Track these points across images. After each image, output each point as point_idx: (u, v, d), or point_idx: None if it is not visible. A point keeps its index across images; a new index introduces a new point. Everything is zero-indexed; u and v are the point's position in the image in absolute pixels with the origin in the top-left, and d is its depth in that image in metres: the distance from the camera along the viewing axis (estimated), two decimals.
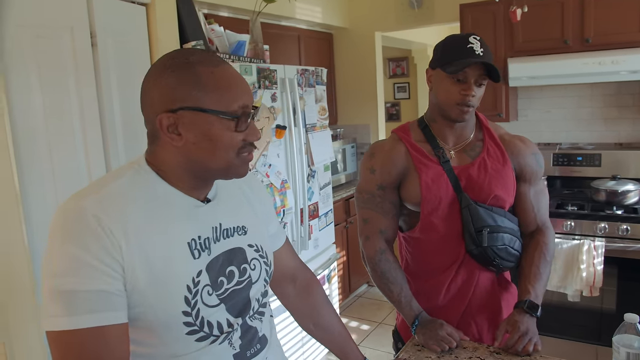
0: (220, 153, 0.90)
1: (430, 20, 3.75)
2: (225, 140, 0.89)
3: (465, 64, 1.32)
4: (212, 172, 0.93)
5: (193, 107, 0.87)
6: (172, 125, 0.89)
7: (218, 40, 2.58)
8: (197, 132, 0.88)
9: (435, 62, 1.41)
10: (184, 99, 0.88)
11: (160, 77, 0.90)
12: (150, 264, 0.87)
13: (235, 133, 0.90)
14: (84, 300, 0.80)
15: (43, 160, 1.75)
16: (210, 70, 0.89)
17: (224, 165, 0.92)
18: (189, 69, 0.88)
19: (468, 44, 1.34)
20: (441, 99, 1.40)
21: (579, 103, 3.34)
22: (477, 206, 1.41)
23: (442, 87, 1.39)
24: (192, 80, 0.88)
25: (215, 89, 0.88)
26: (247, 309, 1.02)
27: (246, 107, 0.91)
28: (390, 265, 1.47)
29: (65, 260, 0.81)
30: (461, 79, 1.34)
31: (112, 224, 0.84)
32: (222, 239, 1.00)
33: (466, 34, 1.38)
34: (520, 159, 1.48)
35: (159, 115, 0.89)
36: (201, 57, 0.90)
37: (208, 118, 0.88)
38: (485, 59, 1.33)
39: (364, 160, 1.51)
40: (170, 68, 0.89)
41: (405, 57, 6.66)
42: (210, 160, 0.91)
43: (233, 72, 0.92)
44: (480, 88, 1.37)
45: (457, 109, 1.38)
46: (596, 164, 3.16)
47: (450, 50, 1.37)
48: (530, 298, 1.38)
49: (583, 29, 2.91)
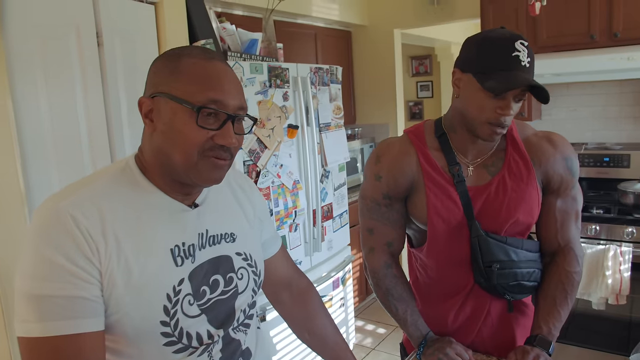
0: (181, 146, 0.85)
1: (451, 17, 3.64)
2: (187, 133, 0.84)
3: (511, 85, 1.09)
4: (177, 169, 0.87)
5: (164, 93, 0.85)
6: (149, 111, 0.87)
7: (230, 38, 2.55)
8: (165, 119, 0.85)
9: (467, 65, 1.17)
10: (160, 84, 0.86)
11: (153, 64, 0.90)
12: (129, 270, 0.83)
13: (198, 128, 0.84)
14: (58, 306, 0.77)
15: (49, 161, 1.75)
16: (193, 61, 0.86)
17: (185, 162, 0.86)
18: (176, 58, 0.87)
19: (514, 52, 1.10)
20: (470, 113, 1.18)
21: (607, 101, 3.18)
22: (489, 238, 1.24)
23: (473, 99, 1.16)
24: (172, 67, 0.86)
25: (187, 77, 0.84)
26: (231, 320, 0.98)
27: (218, 103, 0.84)
28: (396, 281, 1.34)
29: (40, 263, 0.78)
30: (499, 95, 1.12)
31: (90, 226, 0.80)
32: (208, 246, 0.95)
33: (513, 35, 1.12)
34: (548, 167, 1.27)
35: (140, 99, 0.88)
36: (194, 51, 0.88)
37: (174, 106, 0.84)
38: (530, 73, 1.12)
39: (369, 164, 1.34)
40: (164, 56, 0.89)
41: (429, 55, 6.54)
42: (173, 153, 0.86)
43: (220, 69, 0.87)
44: (518, 104, 1.15)
45: (488, 128, 1.17)
46: (624, 165, 3.01)
47: (491, 57, 1.12)
48: (542, 333, 1.22)
49: (611, 23, 2.76)
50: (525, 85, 1.10)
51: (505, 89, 1.10)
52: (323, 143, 2.83)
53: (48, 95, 1.74)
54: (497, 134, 1.18)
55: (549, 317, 1.25)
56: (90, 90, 1.84)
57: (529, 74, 1.12)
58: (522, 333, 1.36)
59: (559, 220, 1.31)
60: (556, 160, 1.28)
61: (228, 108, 0.86)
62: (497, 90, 1.11)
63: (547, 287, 1.30)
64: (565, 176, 1.29)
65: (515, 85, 1.09)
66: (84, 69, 1.82)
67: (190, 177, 0.88)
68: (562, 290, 1.28)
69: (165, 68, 0.86)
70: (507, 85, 1.10)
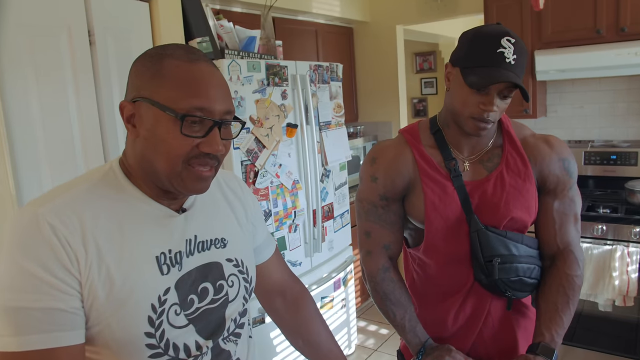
0: (164, 155, 0.81)
1: (454, 13, 3.58)
2: (170, 142, 0.80)
3: (488, 80, 1.09)
4: (160, 176, 0.83)
5: (146, 98, 0.80)
6: (132, 116, 0.83)
7: (227, 36, 2.51)
8: (148, 125, 0.81)
9: (456, 59, 1.18)
10: (141, 88, 0.81)
11: (134, 65, 0.85)
12: (111, 280, 0.79)
13: (182, 136, 0.79)
14: (33, 318, 0.73)
15: (40, 162, 1.71)
16: (176, 64, 0.81)
17: (169, 170, 0.82)
18: (158, 59, 0.81)
19: (498, 48, 1.09)
20: (456, 107, 1.18)
21: (615, 97, 3.12)
22: (488, 231, 1.21)
23: (458, 94, 1.16)
24: (154, 70, 0.81)
25: (170, 83, 0.80)
26: (221, 330, 0.94)
27: (204, 110, 0.80)
28: (394, 285, 1.30)
29: (15, 273, 0.74)
30: (482, 90, 1.12)
31: (69, 234, 0.77)
32: (196, 253, 0.91)
33: (500, 32, 1.11)
34: (544, 166, 1.26)
35: (121, 103, 0.84)
36: (177, 51, 0.83)
37: (157, 113, 0.80)
38: (515, 70, 1.10)
39: (365, 166, 1.31)
40: (144, 56, 0.84)
41: (433, 51, 6.46)
42: (156, 160, 0.82)
43: (205, 72, 0.82)
44: (505, 100, 1.15)
45: (472, 122, 1.16)
46: (632, 162, 2.94)
47: (476, 52, 1.13)
48: (545, 341, 1.18)
49: (618, 17, 2.69)
50: (505, 81, 1.09)
51: (484, 83, 1.10)
52: (323, 142, 2.79)
53: (39, 95, 1.70)
54: (481, 129, 1.18)
55: (551, 324, 1.21)
56: (82, 90, 1.80)
57: (513, 71, 1.11)
58: (523, 335, 1.33)
59: (558, 222, 1.28)
60: (552, 160, 1.27)
61: (214, 114, 0.81)
62: (475, 86, 1.12)
63: (548, 292, 1.26)
64: (561, 177, 1.27)
65: (494, 80, 1.09)
66: (75, 68, 1.78)
67: (174, 186, 0.84)
68: (563, 295, 1.24)
69: (147, 70, 0.82)
70: (486, 80, 1.09)
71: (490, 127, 1.18)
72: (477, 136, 1.22)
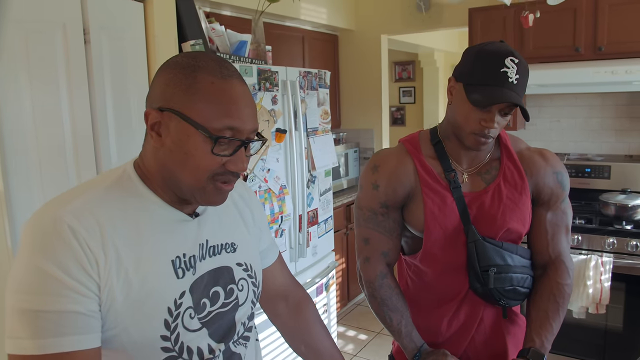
0: (191, 170, 0.81)
1: (438, 24, 3.66)
2: (199, 159, 0.80)
3: (491, 100, 1.13)
4: (182, 188, 0.84)
5: (177, 112, 0.80)
6: (157, 124, 0.82)
7: (219, 39, 2.51)
8: (176, 139, 0.81)
9: (460, 74, 1.22)
10: (173, 100, 0.81)
11: (163, 71, 0.84)
12: (129, 283, 0.79)
13: (212, 155, 0.80)
14: (51, 322, 0.73)
15: (31, 162, 1.68)
16: (210, 80, 0.80)
17: (193, 184, 0.83)
18: (191, 72, 0.81)
19: (502, 67, 1.13)
20: (458, 122, 1.22)
21: (590, 113, 3.25)
22: (485, 242, 1.25)
23: (460, 109, 1.20)
24: (187, 83, 0.80)
25: (204, 100, 0.79)
26: (232, 333, 0.95)
27: (235, 131, 0.81)
28: (391, 292, 1.33)
29: (34, 276, 0.73)
30: (484, 107, 1.16)
31: (89, 237, 0.76)
32: (208, 257, 0.92)
33: (505, 51, 1.15)
34: (539, 178, 1.30)
35: (147, 109, 0.83)
36: (210, 65, 0.82)
37: (188, 129, 0.80)
38: (518, 90, 1.14)
39: (366, 173, 1.34)
40: (176, 65, 0.83)
41: (412, 60, 6.59)
42: (181, 174, 0.82)
43: (238, 91, 0.82)
44: (505, 117, 1.19)
45: (472, 138, 1.21)
46: (605, 176, 3.07)
47: (480, 70, 1.16)
48: (535, 346, 1.22)
49: (596, 37, 2.82)
50: (507, 102, 1.13)
51: (487, 103, 1.14)
52: (311, 148, 2.81)
53: (32, 94, 1.67)
54: (481, 144, 1.22)
55: (541, 330, 1.26)
56: (76, 89, 1.78)
57: (515, 91, 1.15)
58: (513, 342, 1.37)
59: (550, 233, 1.33)
60: (547, 173, 1.32)
61: (243, 134, 0.82)
62: (478, 104, 1.16)
63: (539, 299, 1.31)
64: (555, 189, 1.32)
65: (496, 101, 1.13)
66: (69, 66, 1.75)
67: (195, 197, 0.85)
68: (554, 303, 1.29)
69: (179, 82, 0.81)
70: (489, 100, 1.13)
71: (490, 142, 1.22)
72: (477, 150, 1.26)
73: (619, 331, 2.72)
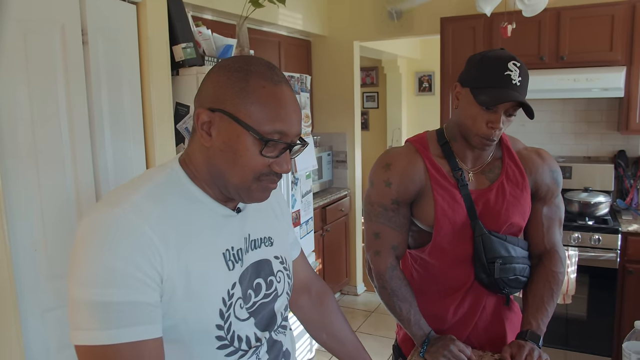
0: (239, 170, 0.86)
1: (409, 32, 3.81)
2: (248, 159, 0.85)
3: (499, 100, 1.22)
4: (228, 186, 0.88)
5: (229, 113, 0.84)
6: (207, 124, 0.86)
7: (205, 43, 2.53)
8: (226, 139, 0.85)
9: (466, 80, 1.31)
10: (225, 101, 0.85)
11: (215, 73, 0.88)
12: (188, 275, 0.83)
13: (260, 156, 0.85)
14: (121, 312, 0.76)
15: (27, 160, 1.65)
16: (262, 85, 0.85)
17: (239, 183, 0.87)
18: (244, 75, 0.85)
19: (506, 71, 1.22)
20: (465, 124, 1.31)
21: (552, 117, 3.48)
22: (491, 236, 1.35)
23: (468, 112, 1.29)
24: (240, 86, 0.84)
25: (256, 103, 0.84)
26: (273, 322, 1.00)
27: (283, 134, 0.85)
28: (400, 283, 1.42)
29: (100, 270, 0.76)
30: (491, 108, 1.25)
31: (152, 231, 0.80)
32: (250, 250, 0.97)
33: (507, 56, 1.25)
34: (537, 176, 1.41)
35: (199, 109, 0.87)
36: (262, 70, 0.86)
37: (238, 129, 0.84)
38: (521, 91, 1.24)
39: (378, 171, 1.42)
40: (228, 68, 0.87)
41: (375, 66, 6.75)
42: (229, 173, 0.87)
43: (288, 96, 0.87)
44: (510, 118, 1.28)
45: (479, 139, 1.30)
46: (567, 176, 3.30)
47: (485, 74, 1.25)
48: (532, 329, 1.33)
49: (558, 47, 3.03)
50: (513, 100, 1.23)
51: (494, 102, 1.23)
52: None
53: (29, 94, 1.64)
54: (487, 144, 1.32)
55: (537, 314, 1.37)
56: (74, 89, 1.76)
57: (519, 92, 1.25)
58: (510, 326, 1.48)
59: (545, 226, 1.45)
60: (544, 171, 1.43)
61: (289, 137, 0.87)
62: (487, 104, 1.24)
63: (536, 286, 1.42)
64: (551, 186, 1.44)
65: (503, 100, 1.22)
66: (67, 67, 1.74)
67: (240, 195, 0.90)
68: (549, 289, 1.41)
69: (233, 85, 0.85)
70: (496, 100, 1.23)
71: (495, 142, 1.32)
72: (483, 150, 1.36)
73: (583, 319, 2.93)
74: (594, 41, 2.96)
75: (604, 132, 3.36)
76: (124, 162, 1.95)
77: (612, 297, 2.85)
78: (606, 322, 2.88)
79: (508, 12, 2.94)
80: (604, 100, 3.31)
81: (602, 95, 2.95)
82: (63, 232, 1.74)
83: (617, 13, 2.90)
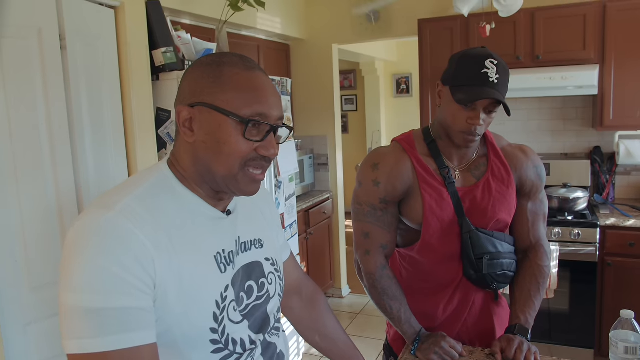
0: (225, 158, 0.85)
1: (387, 34, 3.84)
2: (232, 146, 0.84)
3: (474, 97, 1.24)
4: (217, 178, 0.88)
5: (207, 104, 0.84)
6: (188, 120, 0.86)
7: (185, 47, 2.51)
8: (208, 130, 0.85)
9: (446, 79, 1.33)
10: (202, 94, 0.85)
11: (189, 71, 0.89)
12: (180, 279, 0.82)
13: (243, 139, 0.84)
14: (114, 318, 0.74)
15: (6, 169, 1.61)
16: (235, 72, 0.86)
17: (226, 172, 0.86)
18: (217, 67, 0.86)
19: (483, 69, 1.24)
20: (447, 122, 1.33)
21: (529, 116, 3.54)
22: (479, 232, 1.37)
23: (449, 110, 1.31)
24: (214, 76, 0.85)
25: (232, 89, 0.84)
26: (267, 325, 0.99)
27: (263, 116, 0.85)
28: (390, 282, 1.42)
29: (93, 275, 0.74)
30: (469, 106, 1.26)
31: (145, 235, 0.78)
32: (241, 253, 0.96)
33: (484, 54, 1.26)
34: (522, 172, 1.43)
35: (178, 107, 0.87)
36: (233, 59, 0.88)
37: (218, 117, 0.84)
38: (499, 88, 1.25)
39: (366, 171, 1.42)
40: (201, 63, 0.88)
41: (353, 69, 6.80)
42: (215, 164, 0.86)
43: (262, 80, 0.88)
44: (490, 115, 1.29)
45: (461, 136, 1.31)
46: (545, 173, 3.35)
47: (463, 73, 1.27)
48: (521, 322, 1.35)
49: (534, 46, 3.09)
50: (488, 98, 1.24)
51: (470, 100, 1.25)
52: None
53: (6, 100, 1.60)
54: (469, 141, 1.33)
55: (525, 308, 1.39)
56: (52, 94, 1.72)
57: (497, 89, 1.26)
58: (499, 321, 1.50)
59: (530, 221, 1.47)
60: (528, 168, 1.45)
61: (271, 120, 0.87)
62: (463, 102, 1.26)
63: (522, 280, 1.44)
64: (535, 182, 1.46)
65: (478, 97, 1.24)
66: (45, 72, 1.70)
67: (229, 187, 0.89)
68: (535, 283, 1.43)
69: (207, 77, 0.85)
70: (472, 97, 1.25)
71: (477, 139, 1.33)
72: (466, 148, 1.37)
73: (565, 313, 2.98)
74: (568, 40, 3.03)
75: (579, 129, 3.44)
76: (106, 168, 1.92)
77: (592, 289, 2.90)
78: (588, 315, 2.93)
79: (485, 13, 2.99)
80: (578, 98, 3.39)
81: (577, 93, 3.01)
82: (45, 241, 1.70)
83: (589, 13, 2.98)
